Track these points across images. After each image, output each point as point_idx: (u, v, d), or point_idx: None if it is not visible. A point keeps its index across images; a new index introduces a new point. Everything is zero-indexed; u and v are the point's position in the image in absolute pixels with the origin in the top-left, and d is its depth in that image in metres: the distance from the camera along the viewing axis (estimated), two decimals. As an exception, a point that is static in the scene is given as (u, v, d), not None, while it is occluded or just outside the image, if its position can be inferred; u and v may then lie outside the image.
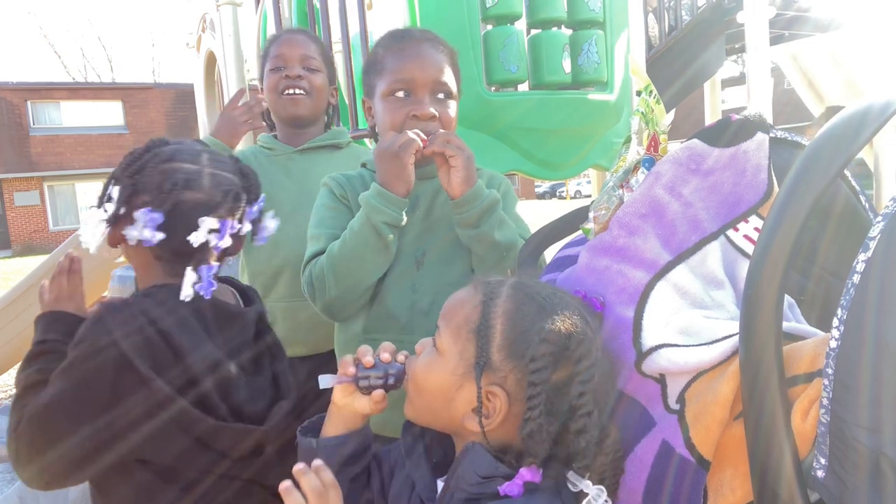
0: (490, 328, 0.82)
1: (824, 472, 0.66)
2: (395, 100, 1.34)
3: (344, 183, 1.41)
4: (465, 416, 0.84)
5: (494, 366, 0.81)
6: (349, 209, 1.38)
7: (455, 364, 0.84)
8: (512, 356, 0.81)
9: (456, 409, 0.85)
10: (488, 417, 0.82)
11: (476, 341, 0.83)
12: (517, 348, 0.81)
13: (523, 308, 0.83)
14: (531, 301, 0.84)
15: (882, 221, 0.63)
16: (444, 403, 0.86)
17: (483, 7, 2.27)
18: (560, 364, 0.80)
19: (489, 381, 0.82)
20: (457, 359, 0.84)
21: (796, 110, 7.97)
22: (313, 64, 1.79)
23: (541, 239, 1.30)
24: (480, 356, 0.82)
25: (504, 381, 0.81)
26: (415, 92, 1.33)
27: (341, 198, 1.39)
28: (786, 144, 0.98)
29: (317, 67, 1.80)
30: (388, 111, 1.34)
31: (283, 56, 1.77)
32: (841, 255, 0.96)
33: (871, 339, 0.61)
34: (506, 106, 2.32)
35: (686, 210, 0.93)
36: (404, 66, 1.34)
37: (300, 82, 1.76)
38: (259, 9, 3.10)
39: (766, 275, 0.69)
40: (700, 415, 0.79)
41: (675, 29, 4.09)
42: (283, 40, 1.80)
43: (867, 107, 0.69)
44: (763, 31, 3.41)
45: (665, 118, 1.02)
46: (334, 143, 1.85)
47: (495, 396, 0.81)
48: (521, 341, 0.81)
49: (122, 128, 22.93)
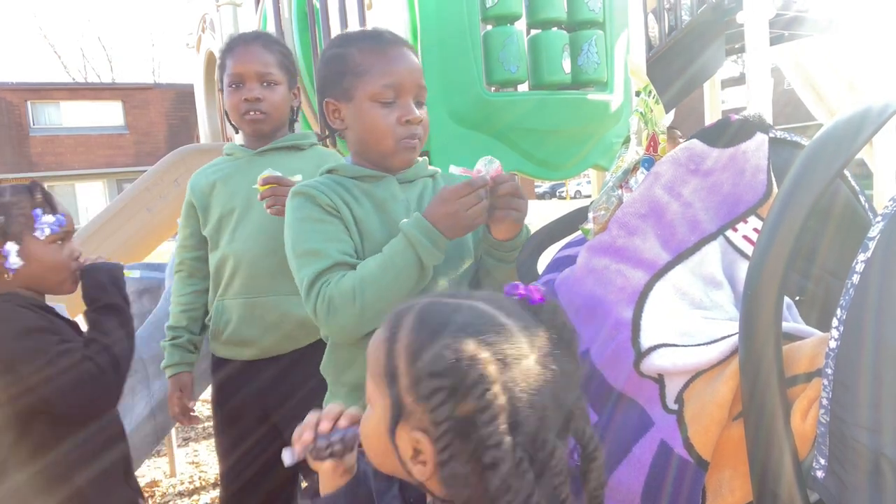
0: (396, 369, 0.75)
1: (824, 472, 0.66)
2: (383, 105, 1.31)
3: (325, 190, 1.34)
4: (408, 465, 0.76)
5: (408, 410, 0.73)
6: (338, 218, 1.31)
7: (381, 414, 0.76)
8: (419, 397, 0.72)
9: (402, 460, 0.76)
10: (425, 465, 0.73)
11: (387, 387, 0.75)
12: (418, 388, 0.72)
13: (420, 339, 0.74)
14: (425, 329, 0.75)
15: (882, 222, 0.63)
16: (391, 456, 0.77)
17: (483, 7, 2.27)
18: (461, 395, 0.70)
19: (412, 426, 0.73)
20: (381, 409, 0.76)
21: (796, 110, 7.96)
22: (271, 77, 1.78)
23: (541, 239, 1.30)
24: (393, 404, 0.74)
25: (422, 423, 0.72)
26: (401, 96, 1.31)
27: (327, 206, 1.31)
28: (785, 145, 0.98)
29: (275, 80, 1.78)
30: (375, 116, 1.31)
31: (239, 74, 1.76)
32: (841, 255, 0.96)
33: (870, 340, 0.61)
34: (505, 106, 2.32)
35: (685, 210, 0.93)
36: (393, 70, 1.31)
37: (259, 105, 1.76)
38: (259, 9, 3.10)
39: (766, 275, 0.69)
40: (699, 415, 0.79)
41: (675, 29, 4.09)
42: (237, 53, 1.78)
43: (867, 107, 0.69)
44: (763, 31, 3.41)
45: (664, 118, 1.02)
46: (295, 144, 1.85)
47: (419, 442, 0.73)
48: (418, 378, 0.72)
49: (122, 128, 22.92)
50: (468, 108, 2.18)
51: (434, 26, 2.19)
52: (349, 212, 1.33)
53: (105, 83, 31.05)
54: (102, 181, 22.56)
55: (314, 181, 1.38)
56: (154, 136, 23.20)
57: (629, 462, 0.86)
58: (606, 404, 0.92)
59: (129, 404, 2.27)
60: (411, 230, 1.21)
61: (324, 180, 1.38)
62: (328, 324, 1.25)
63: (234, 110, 1.79)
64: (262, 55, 1.79)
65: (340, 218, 1.32)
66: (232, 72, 1.78)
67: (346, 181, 1.38)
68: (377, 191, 1.35)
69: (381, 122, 1.31)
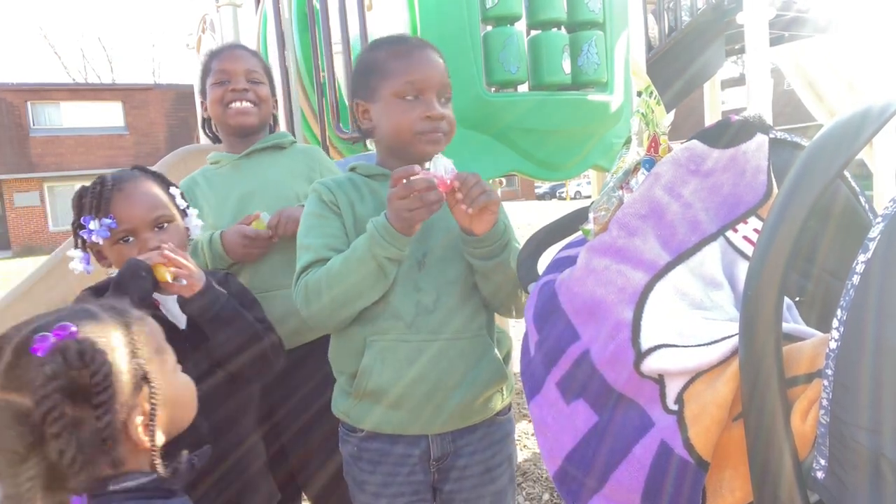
0: None
1: (824, 473, 0.66)
2: (405, 102, 1.36)
3: (333, 188, 1.42)
4: None
5: None
6: (338, 215, 1.39)
7: None
8: None
9: None
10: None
11: None
12: None
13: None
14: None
15: (882, 222, 0.63)
16: None
17: (483, 8, 2.27)
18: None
19: None
20: None
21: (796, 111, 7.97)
22: (256, 77, 1.85)
23: (540, 240, 1.30)
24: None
25: None
26: (423, 94, 1.36)
27: (330, 203, 1.40)
28: (785, 145, 0.98)
29: (260, 80, 1.86)
30: (398, 113, 1.36)
31: (226, 70, 1.83)
32: (841, 255, 0.96)
33: (870, 340, 0.61)
34: (505, 106, 2.32)
35: (686, 211, 0.93)
36: (415, 69, 1.36)
37: (247, 94, 1.83)
38: (259, 10, 3.10)
39: (766, 276, 0.69)
40: (699, 415, 0.79)
41: (675, 30, 4.09)
42: (224, 56, 1.86)
43: (867, 107, 0.69)
44: (763, 31, 3.41)
45: (665, 119, 1.02)
46: (277, 143, 1.90)
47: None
48: None
49: (122, 128, 22.95)
50: (468, 108, 2.18)
51: (434, 27, 2.19)
52: (352, 210, 1.39)
53: (105, 83, 31.08)
54: (102, 181, 22.51)
55: (330, 179, 1.47)
56: (154, 136, 23.22)
57: (629, 462, 0.86)
58: (606, 405, 0.92)
59: (129, 405, 2.26)
60: (371, 226, 1.27)
61: (339, 178, 1.47)
62: (305, 313, 1.34)
63: (219, 102, 1.83)
64: (248, 57, 1.87)
65: (340, 215, 1.38)
66: (218, 69, 1.83)
67: (358, 179, 1.45)
68: (384, 190, 1.39)
69: (403, 117, 1.36)
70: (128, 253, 1.36)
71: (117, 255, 1.39)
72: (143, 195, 1.41)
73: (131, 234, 1.38)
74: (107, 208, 1.36)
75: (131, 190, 1.39)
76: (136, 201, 1.39)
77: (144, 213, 1.39)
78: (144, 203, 1.39)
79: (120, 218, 1.36)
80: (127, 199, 1.38)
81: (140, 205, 1.39)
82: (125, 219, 1.37)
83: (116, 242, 1.38)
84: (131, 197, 1.38)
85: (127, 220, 1.37)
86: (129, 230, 1.38)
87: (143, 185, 1.42)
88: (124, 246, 1.38)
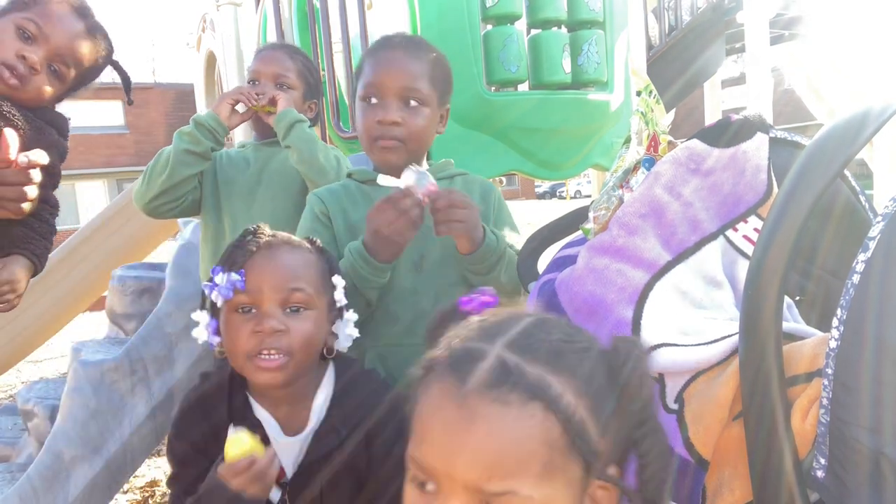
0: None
1: (824, 472, 0.66)
2: (367, 105, 1.35)
3: (326, 198, 1.41)
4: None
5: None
6: (328, 226, 1.38)
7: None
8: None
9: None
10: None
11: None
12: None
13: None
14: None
15: (882, 222, 0.63)
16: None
17: (483, 7, 2.27)
18: None
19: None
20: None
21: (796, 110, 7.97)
22: (287, 81, 1.85)
23: (541, 239, 1.30)
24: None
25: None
26: (383, 97, 1.33)
27: (321, 214, 1.39)
28: (786, 145, 0.98)
29: (290, 84, 1.86)
30: (359, 116, 1.36)
31: (257, 72, 1.85)
32: (841, 255, 0.96)
33: (870, 340, 0.61)
34: (506, 106, 2.32)
35: (686, 210, 0.93)
36: (375, 72, 1.34)
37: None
38: (259, 9, 3.10)
39: (767, 275, 0.69)
40: (699, 415, 0.79)
41: (675, 29, 4.08)
42: (260, 56, 1.89)
43: (867, 107, 0.70)
44: (763, 31, 3.41)
45: (665, 118, 1.02)
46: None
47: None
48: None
49: (122, 128, 22.91)
50: (468, 107, 2.18)
51: (434, 26, 2.19)
52: (343, 219, 1.39)
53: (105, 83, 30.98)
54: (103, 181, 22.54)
55: (324, 188, 1.47)
56: (154, 135, 23.19)
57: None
58: (607, 404, 0.92)
59: (130, 404, 2.27)
60: (349, 250, 1.27)
61: (333, 186, 1.46)
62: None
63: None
64: (283, 59, 1.88)
65: (330, 227, 1.38)
66: (253, 69, 1.88)
67: (352, 185, 1.44)
68: (376, 194, 1.36)
69: (361, 121, 1.36)
70: (239, 325, 1.07)
71: (227, 325, 1.09)
72: (286, 265, 1.11)
73: (254, 304, 1.08)
74: (242, 261, 1.08)
75: (276, 253, 1.11)
76: (275, 265, 1.10)
77: (277, 282, 1.08)
78: (281, 272, 1.09)
79: (248, 279, 1.07)
80: (269, 259, 1.10)
81: (275, 271, 1.09)
82: (253, 282, 1.07)
83: (235, 310, 1.08)
84: (273, 260, 1.10)
85: (255, 286, 1.07)
86: (253, 301, 1.08)
87: (294, 254, 1.13)
88: (239, 316, 1.08)
